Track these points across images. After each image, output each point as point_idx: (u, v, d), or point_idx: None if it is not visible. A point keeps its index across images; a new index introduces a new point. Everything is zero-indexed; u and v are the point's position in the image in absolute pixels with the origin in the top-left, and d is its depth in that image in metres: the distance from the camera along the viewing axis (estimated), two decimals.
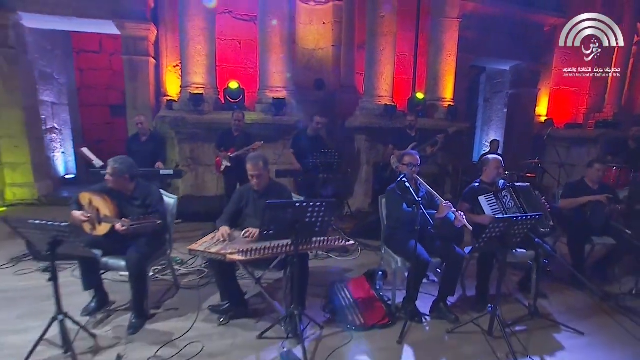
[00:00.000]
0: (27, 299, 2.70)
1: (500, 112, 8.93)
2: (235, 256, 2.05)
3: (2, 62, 5.64)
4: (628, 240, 3.05)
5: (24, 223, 1.87)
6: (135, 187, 2.50)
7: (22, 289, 2.89)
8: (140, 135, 4.07)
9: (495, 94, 9.18)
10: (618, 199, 3.34)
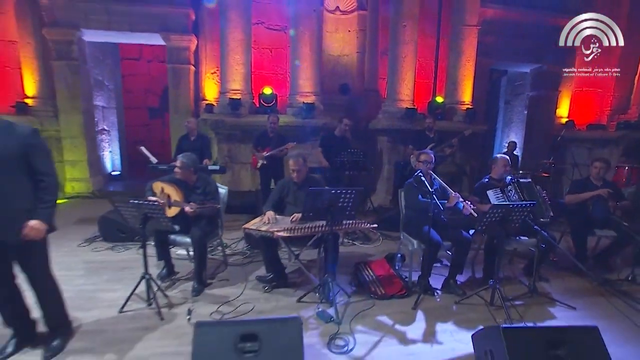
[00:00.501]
0: (106, 269, 3.34)
1: (521, 114, 9.12)
2: (282, 233, 2.59)
3: (66, 73, 6.47)
4: (627, 232, 3.38)
5: (125, 202, 2.48)
6: (197, 179, 3.09)
7: (100, 261, 3.55)
8: (189, 135, 4.70)
9: (516, 96, 9.37)
10: (621, 195, 3.66)
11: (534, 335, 1.80)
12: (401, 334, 2.37)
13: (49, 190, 1.85)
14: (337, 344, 2.21)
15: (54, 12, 6.21)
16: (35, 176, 1.83)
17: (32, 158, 1.81)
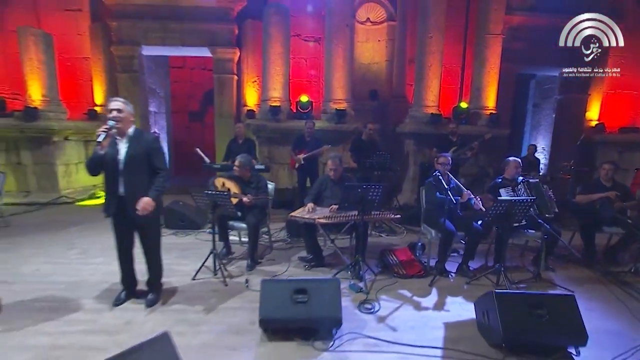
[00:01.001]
0: (174, 250, 4.09)
1: (549, 117, 9.28)
2: (322, 220, 3.22)
3: (128, 83, 7.47)
4: (632, 228, 3.75)
5: (200, 193, 3.22)
6: (251, 176, 3.79)
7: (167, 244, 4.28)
8: (237, 138, 5.45)
9: (545, 100, 9.54)
10: (630, 195, 4.01)
11: (520, 298, 2.32)
12: (417, 303, 2.94)
13: (163, 180, 2.60)
14: (365, 307, 2.82)
15: (121, 32, 7.22)
16: (154, 170, 2.58)
17: (154, 158, 2.56)
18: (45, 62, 6.43)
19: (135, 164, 2.51)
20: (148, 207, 2.53)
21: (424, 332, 2.50)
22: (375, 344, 2.34)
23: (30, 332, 2.43)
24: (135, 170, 2.51)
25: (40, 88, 6.45)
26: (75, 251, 4.11)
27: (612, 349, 2.33)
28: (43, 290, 3.06)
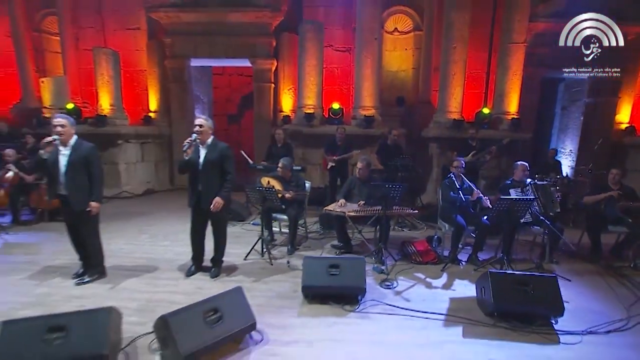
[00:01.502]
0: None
1: (577, 120, 9.42)
2: (352, 213, 3.91)
3: (178, 92, 8.49)
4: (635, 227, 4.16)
5: (252, 189, 4.00)
6: (292, 175, 4.54)
7: None
8: (277, 142, 6.22)
9: (573, 102, 9.67)
10: (635, 197, 4.40)
11: (509, 277, 2.90)
12: (429, 283, 3.57)
13: (230, 182, 3.39)
14: (385, 284, 3.48)
15: (173, 47, 8.25)
16: (224, 173, 3.38)
17: (225, 163, 3.36)
18: (113, 76, 7.53)
19: (211, 166, 3.32)
20: (219, 205, 3.34)
21: (432, 303, 3.13)
22: (391, 309, 3.00)
23: (131, 291, 3.29)
24: (210, 171, 3.32)
25: (109, 98, 7.57)
26: (146, 236, 5.03)
27: (588, 323, 2.85)
28: (131, 262, 3.96)
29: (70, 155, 3.26)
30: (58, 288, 3.36)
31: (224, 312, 2.36)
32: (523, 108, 8.09)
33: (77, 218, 3.34)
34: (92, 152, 3.39)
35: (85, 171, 3.33)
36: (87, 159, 3.34)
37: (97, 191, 3.36)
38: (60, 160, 3.25)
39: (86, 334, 2.14)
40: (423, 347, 2.51)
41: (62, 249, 4.37)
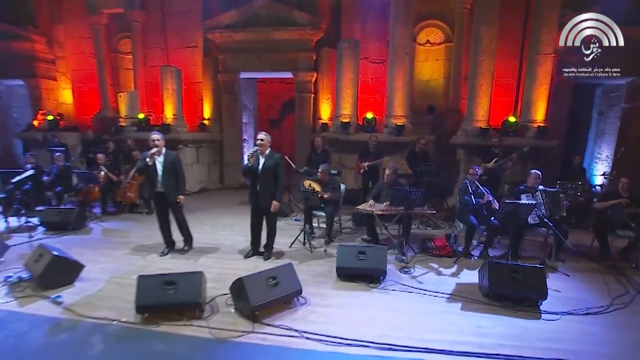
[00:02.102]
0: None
1: (614, 125, 9.52)
2: (378, 212, 4.76)
3: (229, 102, 9.70)
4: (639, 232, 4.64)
5: (297, 190, 4.97)
6: (329, 178, 5.46)
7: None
8: (317, 148, 7.15)
9: (611, 107, 9.76)
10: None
11: (504, 266, 3.62)
12: (440, 271, 4.34)
13: (281, 185, 4.38)
14: (404, 270, 4.30)
15: (225, 63, 9.46)
16: (276, 178, 4.37)
17: (278, 170, 4.35)
18: (176, 90, 8.87)
19: (267, 172, 4.31)
20: (276, 207, 4.36)
21: (440, 286, 3.91)
22: (406, 288, 3.83)
23: (205, 266, 4.34)
24: (267, 176, 4.32)
25: (172, 109, 8.92)
26: (207, 227, 6.16)
27: (571, 307, 3.50)
28: (201, 247, 5.06)
29: (164, 162, 4.40)
30: (152, 262, 4.52)
31: (280, 279, 3.32)
32: (554, 115, 8.47)
33: (171, 207, 4.51)
34: (177, 158, 4.55)
35: (174, 173, 4.46)
36: (174, 164, 4.47)
37: (182, 187, 4.55)
38: (157, 165, 4.39)
39: (187, 288, 3.19)
40: (427, 314, 3.32)
41: (146, 234, 5.62)
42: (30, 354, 2.70)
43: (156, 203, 4.65)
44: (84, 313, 3.23)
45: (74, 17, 10.19)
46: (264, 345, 2.83)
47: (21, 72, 10.26)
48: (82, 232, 5.82)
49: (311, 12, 8.89)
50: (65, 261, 3.80)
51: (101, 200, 6.99)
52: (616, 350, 2.81)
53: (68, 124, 10.26)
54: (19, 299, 3.48)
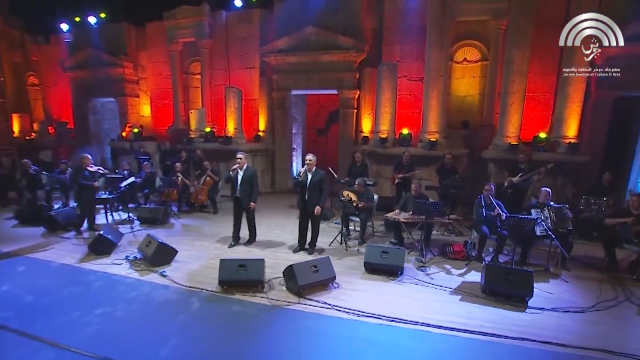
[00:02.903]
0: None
1: None
2: (403, 220, 5.83)
3: (281, 116, 11.17)
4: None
5: (338, 200, 6.20)
6: (364, 190, 6.62)
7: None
8: (356, 161, 8.31)
9: None
10: None
11: (498, 268, 4.55)
12: (451, 271, 5.31)
13: (325, 196, 5.64)
14: (420, 268, 5.34)
15: (279, 82, 10.95)
16: (321, 189, 5.63)
17: (322, 184, 5.61)
18: (236, 108, 10.52)
19: (313, 185, 5.59)
20: (319, 211, 5.63)
21: (449, 282, 4.91)
22: (418, 282, 4.89)
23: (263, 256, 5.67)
24: (313, 188, 5.59)
25: (234, 124, 10.58)
26: (263, 226, 7.55)
27: (555, 306, 4.34)
28: (258, 240, 6.45)
29: (244, 175, 5.89)
30: (223, 251, 5.99)
31: (320, 268, 4.56)
32: (593, 129, 8.88)
33: (245, 210, 6.06)
34: (254, 174, 6.03)
35: (249, 184, 5.94)
36: (251, 177, 5.94)
37: (255, 196, 5.99)
38: (238, 177, 5.89)
39: (254, 270, 4.54)
40: (430, 301, 4.38)
41: (215, 230, 7.17)
42: (154, 305, 4.20)
43: (234, 206, 6.14)
44: (183, 283, 4.72)
45: (155, 45, 12.32)
46: (306, 312, 4.08)
47: (113, 92, 12.60)
48: (166, 227, 7.53)
49: (355, 37, 10.07)
50: (166, 247, 5.36)
51: (178, 201, 8.73)
52: (574, 338, 3.67)
53: (147, 134, 12.40)
54: (138, 271, 5.09)
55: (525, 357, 3.38)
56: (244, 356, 3.32)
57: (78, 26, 12.70)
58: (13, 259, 5.51)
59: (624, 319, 4.15)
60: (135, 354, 3.29)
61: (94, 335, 3.54)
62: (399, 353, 3.41)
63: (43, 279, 4.77)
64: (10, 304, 4.13)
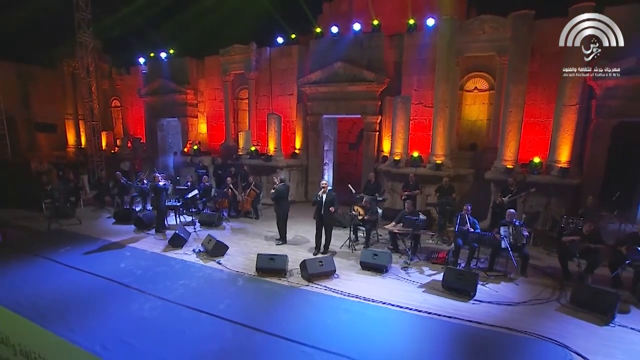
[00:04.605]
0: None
1: None
2: (396, 230, 7.78)
3: (314, 137, 13.41)
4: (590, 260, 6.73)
5: (347, 214, 8.28)
6: (370, 206, 8.62)
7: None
8: (371, 180, 10.28)
9: None
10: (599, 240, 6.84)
11: (455, 270, 6.37)
12: (428, 272, 7.15)
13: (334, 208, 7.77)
14: (404, 268, 7.25)
15: (312, 108, 13.22)
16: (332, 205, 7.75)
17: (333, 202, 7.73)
18: (276, 131, 12.92)
19: (327, 203, 7.72)
20: (333, 210, 7.78)
21: (421, 279, 6.79)
22: (398, 278, 6.82)
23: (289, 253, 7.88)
24: (326, 205, 7.72)
25: (274, 144, 13.00)
26: (293, 231, 9.79)
27: (494, 300, 6.07)
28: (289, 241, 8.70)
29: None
30: (265, 248, 8.28)
31: (324, 263, 6.69)
32: (593, 154, 10.11)
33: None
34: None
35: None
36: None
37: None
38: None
39: (280, 262, 6.79)
40: (400, 290, 6.31)
41: (256, 232, 9.53)
42: (214, 281, 6.59)
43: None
44: (232, 269, 7.08)
45: (211, 74, 15.17)
46: (312, 291, 6.23)
47: (177, 113, 15.64)
48: (219, 228, 10.04)
49: (378, 69, 12.03)
50: (221, 244, 7.78)
51: (228, 208, 11.27)
52: (491, 320, 5.43)
53: (203, 149, 15.24)
54: (202, 260, 7.55)
55: (447, 329, 5.23)
56: (271, 315, 5.52)
57: (152, 60, 15.91)
58: (121, 248, 8.25)
59: (543, 312, 5.79)
60: (204, 305, 5.63)
61: (180, 295, 5.98)
62: (364, 319, 5.43)
63: (144, 261, 7.40)
64: (128, 274, 6.75)
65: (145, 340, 4.79)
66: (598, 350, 4.73)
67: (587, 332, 5.17)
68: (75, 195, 11.99)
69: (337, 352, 4.57)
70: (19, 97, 17.79)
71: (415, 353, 4.67)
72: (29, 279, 6.61)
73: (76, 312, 5.48)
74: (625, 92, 9.61)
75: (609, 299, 5.59)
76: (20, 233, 9.53)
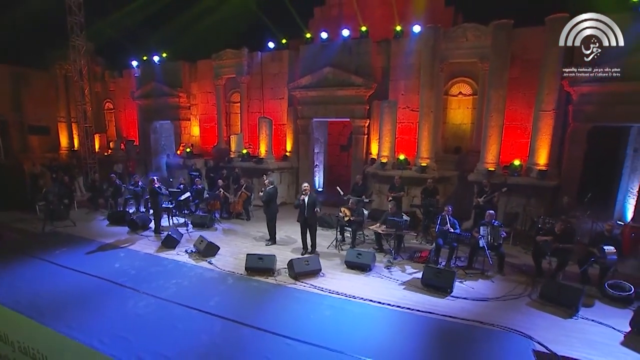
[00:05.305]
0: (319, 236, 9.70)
1: None
2: (380, 231, 8.18)
3: (304, 139, 13.78)
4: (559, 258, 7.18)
5: (336, 215, 8.67)
6: (356, 207, 9.02)
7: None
8: (358, 182, 10.68)
9: None
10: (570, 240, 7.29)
11: (434, 269, 6.79)
12: (409, 270, 7.56)
13: (318, 210, 8.15)
14: (387, 267, 7.65)
15: (303, 111, 13.60)
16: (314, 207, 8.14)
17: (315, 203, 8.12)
18: (268, 134, 13.29)
19: (310, 205, 8.09)
20: (318, 212, 8.16)
21: (403, 277, 7.20)
22: (381, 276, 7.22)
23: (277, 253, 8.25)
24: (310, 206, 8.10)
25: (265, 147, 13.37)
26: (282, 231, 10.16)
27: (470, 296, 6.49)
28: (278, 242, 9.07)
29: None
30: (252, 248, 8.65)
31: (310, 262, 7.08)
32: (571, 158, 10.59)
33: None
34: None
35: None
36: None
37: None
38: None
39: (268, 262, 7.16)
40: (382, 287, 6.71)
41: (246, 232, 9.88)
42: (205, 280, 6.95)
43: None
44: (223, 268, 7.44)
45: (204, 78, 15.50)
46: (298, 289, 6.61)
47: (170, 116, 15.95)
48: (211, 230, 10.38)
49: (366, 75, 12.45)
50: (213, 245, 8.13)
51: (219, 210, 11.61)
52: (464, 314, 5.85)
53: (196, 151, 15.56)
54: (194, 260, 7.89)
55: (423, 323, 5.64)
56: (258, 311, 5.89)
57: (145, 63, 16.18)
58: (115, 249, 8.58)
59: (513, 306, 6.22)
60: (195, 303, 5.99)
61: (173, 293, 6.34)
62: (346, 314, 5.83)
63: (137, 261, 7.74)
64: (123, 274, 7.09)
65: (140, 334, 5.15)
66: (559, 340, 5.17)
67: (552, 324, 5.61)
68: (68, 197, 12.25)
69: (318, 344, 4.95)
70: (12, 99, 17.96)
71: (391, 344, 5.06)
72: (26, 279, 6.92)
73: (73, 310, 5.81)
74: (599, 98, 10.08)
75: (573, 293, 6.03)
76: (15, 235, 9.80)
